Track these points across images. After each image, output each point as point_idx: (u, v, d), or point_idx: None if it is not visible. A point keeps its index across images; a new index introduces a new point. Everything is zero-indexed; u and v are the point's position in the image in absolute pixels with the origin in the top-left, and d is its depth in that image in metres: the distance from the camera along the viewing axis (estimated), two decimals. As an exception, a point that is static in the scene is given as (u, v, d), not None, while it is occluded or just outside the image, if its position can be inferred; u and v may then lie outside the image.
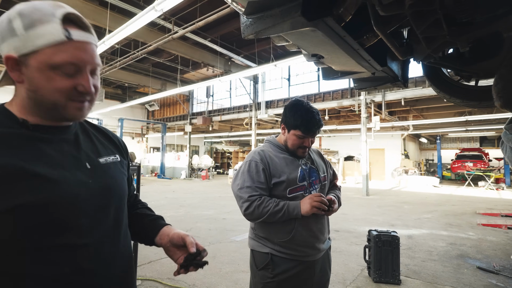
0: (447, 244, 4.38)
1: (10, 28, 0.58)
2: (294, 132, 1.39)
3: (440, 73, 1.76)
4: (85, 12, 7.26)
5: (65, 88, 0.61)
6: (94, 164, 0.72)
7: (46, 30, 0.57)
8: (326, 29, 1.01)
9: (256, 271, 1.36)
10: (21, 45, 0.58)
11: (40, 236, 0.58)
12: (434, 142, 20.44)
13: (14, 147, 0.60)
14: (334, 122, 15.24)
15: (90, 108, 0.69)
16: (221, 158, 23.98)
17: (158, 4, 4.70)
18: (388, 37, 1.08)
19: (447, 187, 13.42)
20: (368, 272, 3.16)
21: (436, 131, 15.95)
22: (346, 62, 1.36)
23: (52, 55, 0.58)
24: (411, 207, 7.92)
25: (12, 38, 0.58)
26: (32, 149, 0.62)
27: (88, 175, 0.69)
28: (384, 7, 0.87)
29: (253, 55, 11.65)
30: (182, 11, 7.91)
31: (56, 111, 0.63)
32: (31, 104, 0.63)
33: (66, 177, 0.63)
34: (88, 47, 0.63)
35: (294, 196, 1.38)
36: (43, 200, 0.58)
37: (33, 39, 0.57)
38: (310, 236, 1.36)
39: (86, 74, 0.63)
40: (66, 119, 0.67)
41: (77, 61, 0.60)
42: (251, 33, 1.09)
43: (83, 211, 0.64)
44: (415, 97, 10.16)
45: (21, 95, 0.64)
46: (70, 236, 0.62)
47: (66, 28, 0.59)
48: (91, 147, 0.75)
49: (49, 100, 0.61)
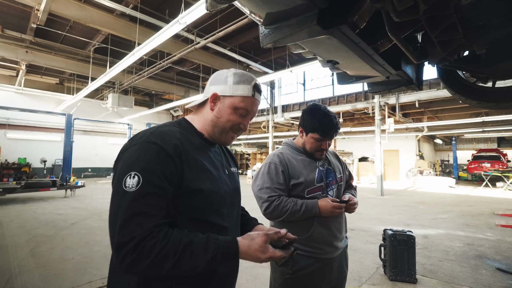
0: (464, 245, 4.15)
1: (225, 80, 0.88)
2: (312, 135, 1.38)
3: (456, 75, 1.68)
4: (117, 27, 7.59)
5: (234, 122, 0.89)
6: (229, 171, 0.97)
7: (244, 88, 0.87)
8: (341, 37, 1.00)
9: (276, 267, 1.35)
10: (227, 90, 0.87)
11: (203, 212, 0.80)
12: (449, 143, 19.46)
13: (198, 149, 0.85)
14: (348, 125, 14.89)
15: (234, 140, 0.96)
16: (240, 160, 24.09)
17: (182, 17, 4.82)
18: (403, 42, 1.05)
19: (463, 188, 12.72)
20: (383, 270, 3.06)
21: (452, 132, 15.16)
22: (361, 67, 1.33)
23: (240, 102, 0.87)
24: (426, 207, 7.58)
25: (224, 85, 0.88)
26: (204, 153, 0.88)
27: (228, 178, 0.93)
28: (398, 13, 0.85)
29: (270, 62, 11.65)
30: (203, 23, 8.06)
31: (220, 134, 0.90)
32: (211, 125, 0.90)
33: (221, 176, 0.89)
34: (257, 103, 0.92)
35: (312, 196, 1.37)
36: (214, 189, 0.82)
37: (235, 89, 0.87)
38: (328, 235, 1.35)
39: (248, 119, 0.92)
40: (221, 142, 0.94)
41: (250, 109, 0.89)
42: (270, 42, 1.09)
43: (225, 202, 0.87)
44: (430, 99, 9.73)
45: (206, 117, 0.91)
46: (218, 218, 0.84)
47: (253, 90, 0.88)
48: (225, 159, 1.01)
49: (222, 126, 0.89)
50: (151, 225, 0.66)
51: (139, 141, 0.76)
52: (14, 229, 4.77)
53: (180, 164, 0.75)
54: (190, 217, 0.78)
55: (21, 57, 9.82)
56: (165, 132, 0.80)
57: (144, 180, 0.69)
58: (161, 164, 0.72)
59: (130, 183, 0.68)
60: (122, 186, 0.68)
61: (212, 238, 0.71)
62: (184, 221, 0.76)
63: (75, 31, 9.02)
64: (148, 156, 0.72)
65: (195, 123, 0.91)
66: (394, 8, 0.84)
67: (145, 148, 0.73)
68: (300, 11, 0.95)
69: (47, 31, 8.78)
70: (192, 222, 0.78)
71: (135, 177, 0.69)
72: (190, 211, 0.77)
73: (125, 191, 0.68)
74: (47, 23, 7.57)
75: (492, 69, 1.34)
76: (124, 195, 0.68)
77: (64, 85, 14.76)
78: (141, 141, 0.75)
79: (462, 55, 1.55)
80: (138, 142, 0.76)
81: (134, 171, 0.69)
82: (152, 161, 0.72)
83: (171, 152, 0.74)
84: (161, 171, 0.71)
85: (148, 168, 0.70)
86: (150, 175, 0.70)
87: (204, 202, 0.79)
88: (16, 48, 9.66)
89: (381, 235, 3.17)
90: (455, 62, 1.37)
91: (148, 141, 0.75)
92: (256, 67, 11.47)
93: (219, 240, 0.71)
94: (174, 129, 0.84)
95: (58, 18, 7.88)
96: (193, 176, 0.77)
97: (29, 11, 7.57)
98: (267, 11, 1.00)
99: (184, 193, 0.75)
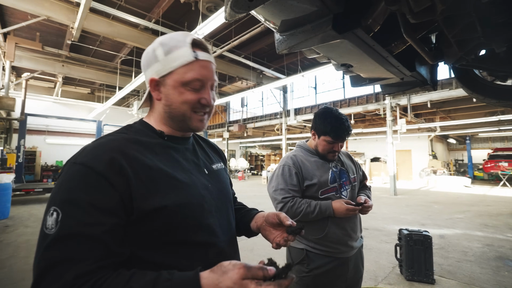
0: (484, 245, 3.90)
1: (154, 56, 0.65)
2: (324, 138, 1.36)
3: (472, 75, 1.58)
4: (141, 40, 7.83)
5: (192, 100, 0.65)
6: (210, 170, 0.75)
7: (180, 53, 0.63)
8: (356, 40, 0.96)
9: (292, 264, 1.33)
10: (161, 68, 0.64)
11: (177, 233, 0.59)
12: (463, 142, 18.47)
13: (156, 153, 0.64)
14: (359, 126, 14.52)
15: (208, 120, 0.73)
16: (255, 161, 24.11)
17: (199, 29, 4.91)
18: (419, 43, 1.00)
19: (479, 187, 12.01)
20: (400, 270, 2.93)
21: (466, 131, 14.38)
22: (375, 70, 1.28)
23: (184, 74, 0.63)
24: (441, 206, 7.21)
25: (156, 63, 0.65)
26: (167, 155, 0.66)
27: (208, 180, 0.71)
28: (415, 15, 0.81)
29: (282, 68, 11.61)
30: (219, 33, 8.16)
31: (184, 122, 0.68)
32: (166, 117, 0.68)
33: (194, 181, 0.67)
34: (209, 65, 0.67)
35: (326, 197, 1.33)
36: (183, 200, 0.61)
37: (170, 62, 0.63)
38: (343, 234, 1.30)
39: (207, 89, 0.68)
40: (190, 129, 0.71)
41: (202, 77, 0.65)
42: (285, 48, 1.07)
43: (208, 211, 0.66)
44: (442, 99, 9.29)
45: (158, 110, 0.69)
46: (202, 233, 0.63)
47: (194, 50, 0.64)
48: (205, 155, 0.79)
49: (179, 112, 0.66)
50: (71, 276, 0.45)
51: (67, 163, 0.57)
52: (52, 225, 5.00)
53: (122, 181, 0.54)
54: (163, 241, 0.58)
55: (58, 70, 10.40)
56: (99, 144, 0.59)
57: (64, 217, 0.49)
58: (87, 190, 0.52)
59: (49, 223, 0.50)
60: (43, 227, 0.51)
61: (162, 279, 0.48)
62: (155, 248, 0.57)
63: (104, 45, 9.41)
64: (71, 182, 0.53)
65: (151, 122, 0.71)
66: (410, 9, 0.80)
67: (69, 173, 0.54)
68: (314, 17, 0.93)
69: (80, 46, 9.24)
70: (167, 246, 0.58)
71: (53, 214, 0.50)
72: (158, 234, 0.57)
73: (44, 233, 0.50)
74: (80, 39, 7.96)
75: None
76: (42, 238, 0.50)
77: (95, 94, 15.45)
78: (68, 163, 0.57)
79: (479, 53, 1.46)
80: (66, 164, 0.57)
81: (53, 206, 0.51)
82: (75, 188, 0.52)
83: (103, 170, 0.54)
84: (86, 199, 0.51)
85: (68, 199, 0.51)
86: (71, 208, 0.50)
87: (174, 220, 0.58)
88: (54, 63, 10.24)
89: (395, 235, 3.04)
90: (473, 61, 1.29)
91: (74, 162, 0.56)
92: (270, 73, 11.47)
93: (173, 281, 0.48)
94: (117, 136, 0.63)
95: (89, 34, 8.26)
96: (146, 191, 0.56)
97: (64, 29, 7.99)
98: (282, 18, 0.98)
99: (141, 216, 0.55)
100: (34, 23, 6.59)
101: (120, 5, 6.73)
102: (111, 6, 6.49)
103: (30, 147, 12.41)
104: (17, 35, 8.16)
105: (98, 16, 6.90)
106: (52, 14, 6.32)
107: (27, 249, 3.63)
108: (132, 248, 0.55)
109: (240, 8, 0.82)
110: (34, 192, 7.70)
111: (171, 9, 7.11)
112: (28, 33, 8.24)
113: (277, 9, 0.92)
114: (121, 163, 0.56)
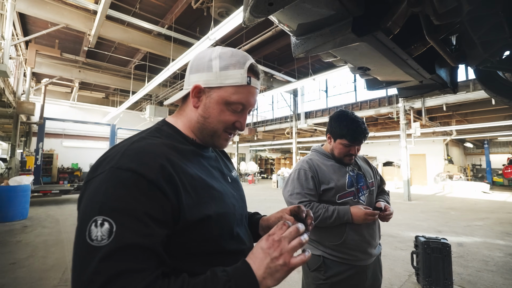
0: (506, 255, 3.71)
1: (209, 65, 0.63)
2: (341, 141, 1.34)
3: (496, 77, 1.52)
4: (154, 45, 8.02)
5: (229, 121, 0.65)
6: (231, 178, 0.74)
7: (235, 73, 0.62)
8: (376, 43, 0.94)
9: (309, 272, 1.29)
10: (212, 79, 0.63)
11: (213, 243, 0.58)
12: (481, 146, 17.79)
13: (191, 161, 0.62)
14: (372, 129, 14.26)
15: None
16: (265, 164, 24.04)
17: (211, 34, 4.98)
18: (441, 45, 0.97)
19: (499, 194, 11.50)
20: (416, 278, 2.83)
21: (483, 135, 13.84)
22: (393, 72, 1.25)
23: (232, 94, 0.63)
24: (458, 213, 6.94)
25: (207, 72, 0.63)
26: (200, 163, 0.64)
27: (232, 188, 0.71)
28: (439, 16, 0.78)
29: (293, 71, 11.59)
30: (230, 38, 8.25)
31: (211, 137, 0.67)
32: (196, 126, 0.66)
33: (225, 189, 0.66)
34: (255, 92, 0.67)
35: (343, 201, 1.30)
36: (221, 210, 0.60)
37: (223, 78, 0.62)
38: (361, 241, 1.26)
39: (246, 114, 0.67)
40: (214, 146, 0.70)
41: (246, 103, 0.65)
42: (302, 52, 1.06)
43: (236, 219, 0.65)
44: (459, 102, 9.00)
45: (190, 116, 0.67)
46: (233, 243, 0.62)
47: (249, 76, 0.64)
48: (224, 163, 0.77)
49: (213, 127, 0.65)
50: (142, 285, 0.44)
51: (106, 167, 0.52)
52: (69, 226, 5.14)
53: (173, 191, 0.52)
54: (198, 251, 0.56)
55: (75, 76, 10.78)
56: (143, 149, 0.55)
57: (119, 227, 0.45)
58: (140, 199, 0.49)
59: (97, 234, 0.45)
60: (86, 239, 0.45)
61: (219, 275, 0.49)
62: (189, 258, 0.55)
63: (119, 51, 9.69)
64: (121, 190, 0.49)
65: (180, 126, 0.67)
66: (434, 10, 0.77)
67: (116, 179, 0.50)
68: (333, 20, 0.91)
69: (96, 53, 9.56)
70: (202, 256, 0.57)
71: (104, 224, 0.45)
72: (196, 245, 0.56)
73: (91, 245, 0.44)
74: (96, 45, 8.22)
75: (540, 68, 1.18)
76: (90, 252, 0.44)
77: (109, 98, 15.89)
78: (109, 167, 0.51)
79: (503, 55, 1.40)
80: (105, 169, 0.52)
81: (101, 215, 0.46)
82: (126, 197, 0.48)
83: (156, 178, 0.51)
84: (142, 209, 0.48)
85: (121, 208, 0.47)
86: (127, 219, 0.47)
87: (212, 230, 0.57)
88: (71, 69, 10.63)
89: (410, 241, 2.95)
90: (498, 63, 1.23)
91: (119, 167, 0.51)
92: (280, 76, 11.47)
93: (229, 274, 0.49)
94: (156, 140, 0.59)
95: (105, 41, 8.53)
96: (193, 201, 0.55)
97: (82, 36, 8.29)
98: (299, 22, 0.97)
99: (185, 227, 0.53)
100: (54, 31, 6.86)
101: (135, 12, 6.93)
102: (127, 13, 6.69)
103: (48, 150, 12.85)
104: (38, 43, 8.53)
105: (113, 23, 7.13)
106: (71, 22, 6.57)
107: (45, 249, 3.74)
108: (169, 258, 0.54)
109: (260, 12, 0.81)
110: (51, 193, 7.95)
111: (183, 15, 7.26)
112: (48, 40, 8.59)
113: (295, 13, 0.91)
114: (170, 171, 0.53)
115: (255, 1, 0.76)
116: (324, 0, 0.81)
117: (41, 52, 8.44)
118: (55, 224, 5.25)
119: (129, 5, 6.78)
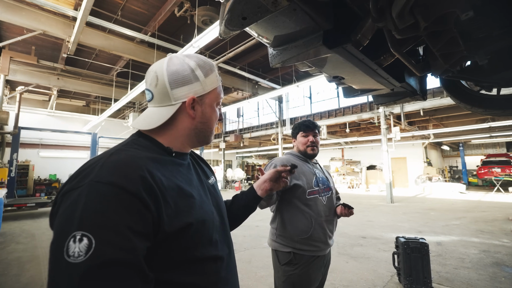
0: (480, 251, 3.91)
1: (194, 76, 0.66)
2: (299, 135, 1.63)
3: (459, 85, 1.65)
4: (137, 53, 7.92)
5: (216, 118, 0.74)
6: (208, 185, 0.75)
7: (213, 76, 0.70)
8: (346, 54, 1.01)
9: (279, 266, 1.45)
10: (200, 88, 0.68)
11: (192, 251, 0.59)
12: (457, 149, 18.75)
13: (171, 171, 0.61)
14: (355, 134, 14.68)
15: None
16: (251, 171, 24.03)
17: (195, 41, 5.00)
18: (405, 56, 1.05)
19: (474, 194, 12.11)
20: (398, 278, 2.91)
21: (458, 138, 14.63)
22: (366, 81, 1.33)
23: (217, 96, 0.72)
24: (437, 213, 7.24)
25: (196, 83, 0.67)
26: (178, 173, 0.64)
27: (211, 194, 0.73)
28: (400, 31, 0.86)
29: (277, 78, 11.80)
30: (214, 45, 8.31)
31: (207, 137, 0.73)
32: (194, 133, 0.70)
33: (203, 197, 0.67)
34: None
35: (312, 197, 1.48)
36: (200, 218, 0.61)
37: (209, 83, 0.69)
38: (323, 234, 1.46)
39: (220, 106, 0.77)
40: (206, 142, 0.75)
41: (222, 97, 0.76)
42: (278, 62, 1.12)
43: (215, 226, 0.66)
44: (434, 107, 9.50)
45: (183, 128, 0.69)
46: (212, 249, 0.63)
47: (218, 75, 0.73)
48: (201, 170, 0.78)
49: (211, 128, 0.73)
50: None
51: (84, 181, 0.50)
52: (45, 241, 4.87)
53: (154, 202, 0.51)
54: (177, 260, 0.56)
55: (53, 84, 10.39)
56: (122, 161, 0.54)
57: (99, 242, 0.43)
58: (121, 213, 0.47)
59: (74, 250, 0.42)
60: (64, 255, 0.42)
61: None
62: (169, 268, 0.55)
63: (100, 58, 9.48)
64: (100, 204, 0.47)
65: (161, 139, 0.67)
66: (395, 26, 0.85)
67: (95, 193, 0.47)
68: (306, 33, 0.97)
69: (76, 60, 9.29)
70: (181, 265, 0.57)
71: (82, 240, 0.43)
72: (175, 254, 0.56)
73: (68, 262, 0.42)
74: (76, 52, 8.01)
75: (496, 77, 1.30)
76: (66, 269, 0.42)
77: (90, 106, 15.41)
78: (88, 181, 0.49)
79: (465, 65, 1.52)
80: (83, 183, 0.49)
81: (79, 230, 0.44)
82: (106, 211, 0.46)
83: (137, 191, 0.50)
84: (124, 223, 0.46)
85: (101, 223, 0.45)
86: (106, 233, 0.44)
87: (191, 238, 0.58)
88: (49, 76, 10.25)
89: (393, 243, 3.05)
90: (458, 73, 1.34)
91: (98, 180, 0.49)
92: (265, 83, 11.64)
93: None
94: (134, 152, 0.59)
95: (85, 48, 8.33)
96: (173, 212, 0.55)
97: (60, 43, 8.06)
98: (275, 34, 1.02)
99: (164, 238, 0.53)
100: (30, 37, 6.63)
101: (117, 19, 6.84)
102: (108, 20, 6.59)
103: (23, 161, 12.21)
104: (12, 49, 8.18)
105: (94, 30, 6.99)
106: (48, 29, 6.38)
107: (19, 267, 3.53)
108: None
109: (234, 26, 0.85)
110: (26, 207, 7.52)
111: (167, 23, 7.25)
112: (23, 47, 8.28)
113: (270, 25, 0.96)
114: (150, 182, 0.53)
115: (230, 15, 0.80)
116: (295, 15, 0.86)
117: (16, 59, 8.11)
118: (30, 239, 4.97)
119: (111, 12, 6.70)
